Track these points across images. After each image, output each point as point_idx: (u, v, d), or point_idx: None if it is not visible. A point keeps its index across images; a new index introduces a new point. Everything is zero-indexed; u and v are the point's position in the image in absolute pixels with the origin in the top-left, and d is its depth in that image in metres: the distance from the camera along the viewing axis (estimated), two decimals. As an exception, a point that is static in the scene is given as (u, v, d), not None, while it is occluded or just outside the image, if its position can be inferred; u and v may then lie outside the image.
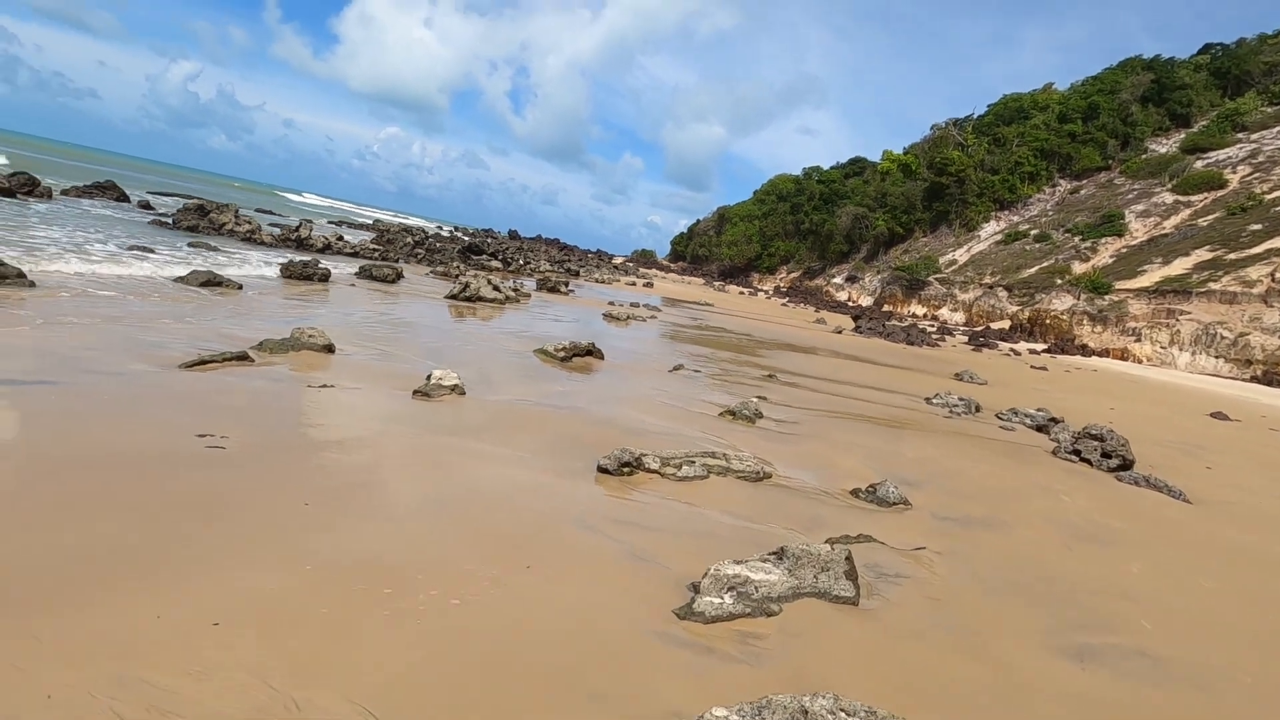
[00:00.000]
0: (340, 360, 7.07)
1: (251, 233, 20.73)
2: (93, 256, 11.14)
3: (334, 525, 3.22)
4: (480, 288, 16.16)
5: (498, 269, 29.30)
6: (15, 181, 20.06)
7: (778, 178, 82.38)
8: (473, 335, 10.65)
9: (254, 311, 9.18)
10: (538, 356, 9.44)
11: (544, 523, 3.66)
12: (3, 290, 7.64)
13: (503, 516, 3.66)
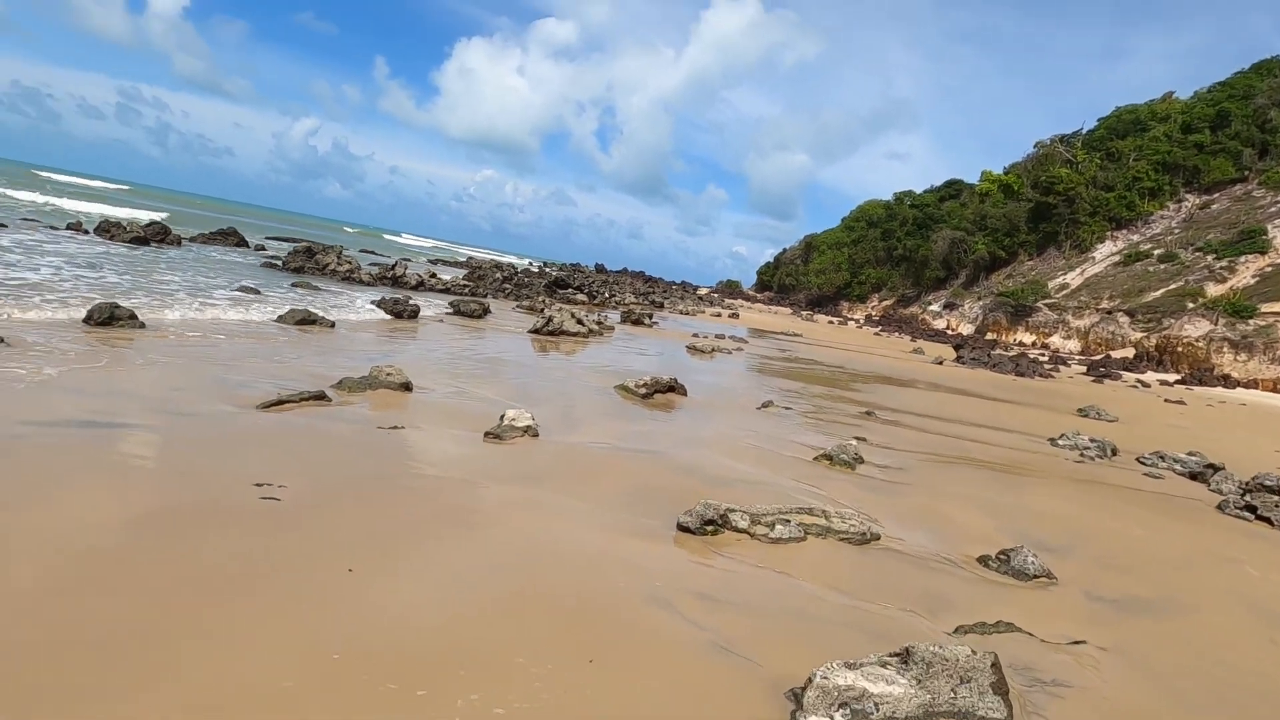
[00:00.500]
0: (416, 399, 6.91)
1: (351, 272, 21.74)
2: (203, 298, 11.77)
3: (376, 598, 2.85)
4: (563, 321, 16.08)
5: (582, 302, 29.52)
6: (150, 231, 22.03)
7: (867, 203, 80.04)
8: (552, 370, 10.42)
9: (341, 349, 9.30)
10: (618, 393, 9.05)
11: (613, 598, 3.16)
12: (116, 331, 8.04)
13: (566, 588, 3.18)
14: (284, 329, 10.19)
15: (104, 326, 8.26)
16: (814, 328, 40.76)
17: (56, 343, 6.89)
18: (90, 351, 6.76)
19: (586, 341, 15.46)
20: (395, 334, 11.66)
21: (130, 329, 8.43)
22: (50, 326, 7.64)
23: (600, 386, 9.39)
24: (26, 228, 19.14)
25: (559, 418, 7.02)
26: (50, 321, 7.90)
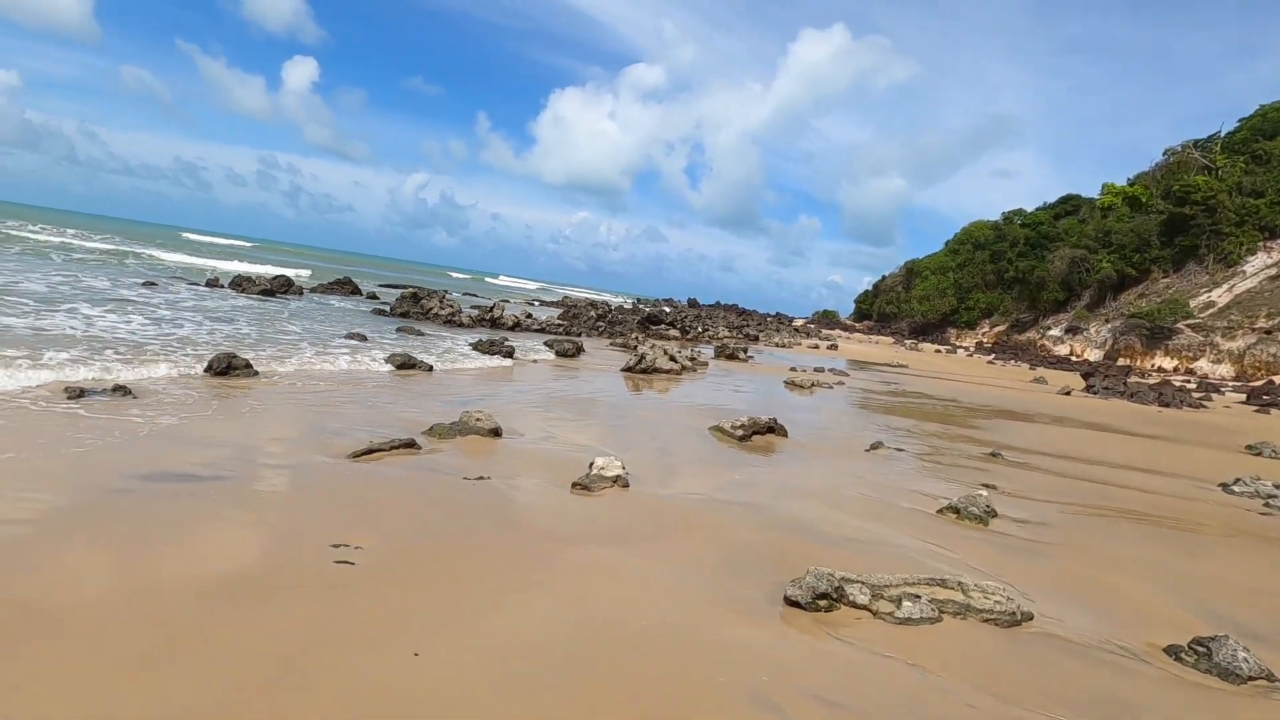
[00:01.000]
0: (505, 445, 6.73)
1: (453, 315, 22.55)
2: (315, 346, 12.37)
3: (437, 688, 2.52)
4: (656, 358, 15.81)
5: (675, 338, 29.28)
6: (275, 284, 23.86)
7: (972, 225, 75.87)
8: (645, 411, 10.08)
9: (437, 393, 9.38)
10: (713, 435, 8.56)
11: (708, 696, 2.68)
12: (232, 380, 8.45)
13: (650, 681, 2.74)
14: (385, 374, 10.46)
15: (222, 376, 8.72)
16: (920, 357, 38.53)
17: (178, 392, 7.26)
18: (204, 401, 7.07)
19: (680, 379, 15.09)
20: (490, 376, 11.74)
21: (245, 377, 8.85)
22: (178, 377, 8.10)
23: (694, 428, 8.94)
24: (174, 285, 21.18)
25: (651, 464, 6.62)
26: (179, 372, 8.40)
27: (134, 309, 13.60)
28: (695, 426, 9.04)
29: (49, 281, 16.73)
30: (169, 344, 10.23)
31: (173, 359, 9.07)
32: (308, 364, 10.35)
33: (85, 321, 11.24)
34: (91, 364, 7.98)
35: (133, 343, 9.92)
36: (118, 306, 13.56)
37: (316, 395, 8.23)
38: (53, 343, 8.97)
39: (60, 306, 12.54)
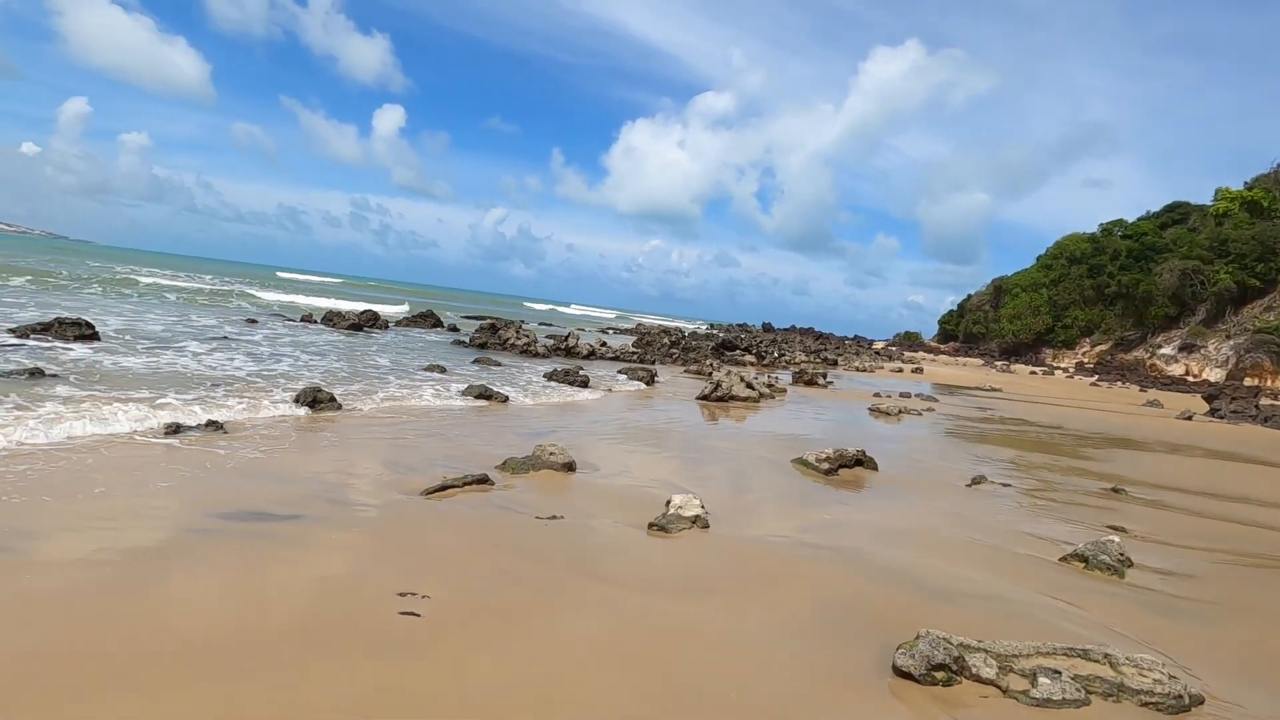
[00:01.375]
0: (579, 481, 6.50)
1: (529, 345, 22.83)
2: (397, 378, 12.66)
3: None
4: (732, 386, 15.37)
5: (751, 363, 28.66)
6: (363, 318, 24.91)
7: (1066, 239, 71.49)
8: (722, 442, 9.66)
9: (511, 425, 9.31)
10: (796, 469, 8.06)
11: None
12: (317, 414, 8.65)
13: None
14: (462, 406, 10.52)
15: (308, 408, 8.96)
16: (1014, 380, 36.21)
17: (265, 427, 7.44)
18: (288, 435, 7.20)
19: (758, 406, 14.57)
20: (564, 406, 11.64)
21: (330, 410, 9.06)
22: (268, 412, 8.35)
23: (775, 460, 8.46)
24: (272, 322, 22.45)
25: (731, 502, 6.23)
26: (270, 406, 8.67)
27: (236, 346, 14.37)
28: (776, 459, 8.56)
29: (164, 321, 18.02)
30: (262, 379, 10.65)
31: (264, 393, 9.40)
32: (388, 397, 10.53)
33: (194, 358, 11.90)
34: (192, 401, 8.34)
35: (231, 378, 10.37)
36: (222, 344, 14.37)
37: (395, 428, 8.30)
38: (162, 380, 9.48)
39: (172, 345, 13.38)
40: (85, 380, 8.75)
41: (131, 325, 16.14)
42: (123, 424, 6.79)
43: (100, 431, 6.38)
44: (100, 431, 6.38)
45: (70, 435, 6.16)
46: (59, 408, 7.05)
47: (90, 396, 7.80)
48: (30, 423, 6.29)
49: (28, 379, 8.34)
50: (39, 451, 5.57)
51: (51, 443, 5.85)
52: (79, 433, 6.26)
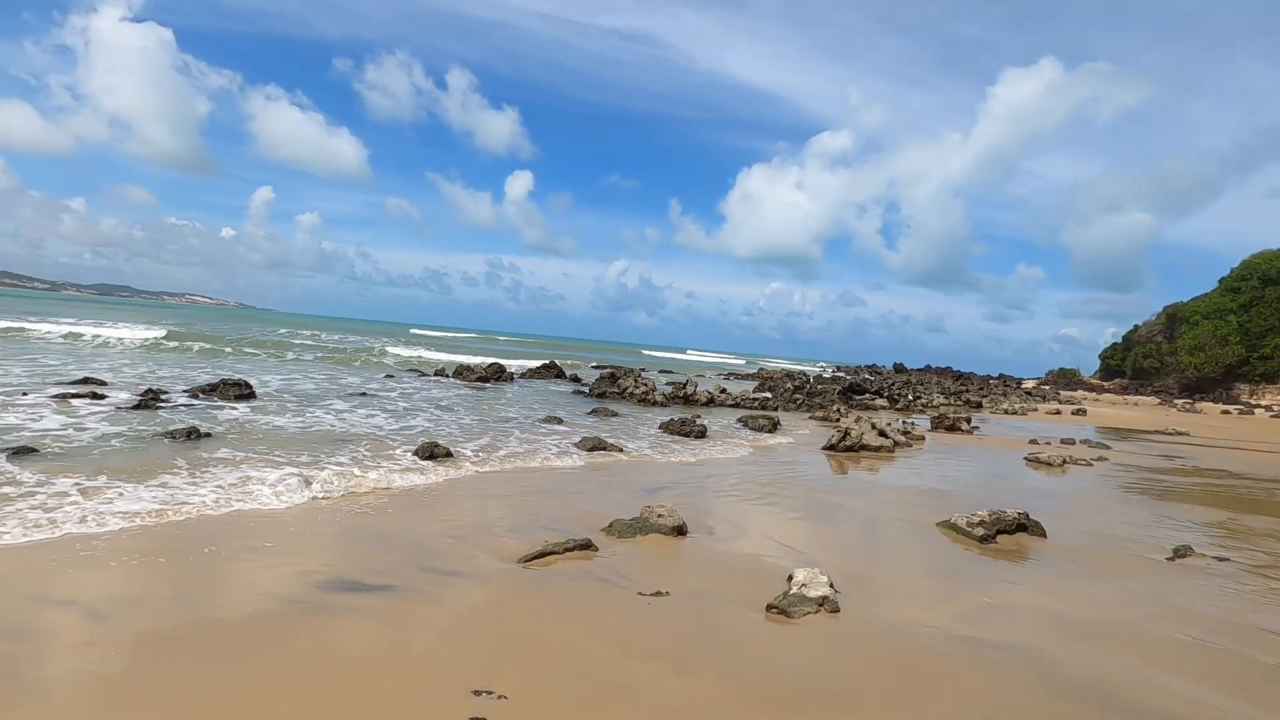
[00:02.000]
0: (690, 547, 5.91)
1: (647, 393, 22.62)
2: (511, 430, 12.74)
3: None
4: (863, 434, 14.16)
5: (883, 407, 26.75)
6: (490, 371, 25.93)
7: (1257, 257, 62.38)
8: (853, 500, 8.69)
9: (622, 481, 8.90)
10: (943, 534, 6.98)
11: None
12: (432, 470, 8.70)
13: None
14: (574, 460, 10.28)
15: (427, 461, 9.08)
16: (1202, 421, 31.30)
17: (380, 484, 7.50)
18: (403, 492, 7.19)
19: (893, 457, 13.27)
20: (679, 459, 11.10)
21: (445, 466, 9.13)
22: (387, 468, 8.49)
23: (916, 523, 7.41)
24: (408, 378, 23.88)
25: (865, 576, 5.37)
26: (390, 462, 8.86)
27: (374, 402, 15.21)
28: (917, 521, 7.51)
29: (316, 379, 19.60)
30: (388, 435, 11.03)
31: (387, 450, 9.67)
32: (507, 452, 10.52)
33: (335, 415, 12.63)
34: (320, 459, 8.68)
35: (360, 435, 10.80)
36: (361, 401, 15.27)
37: (505, 484, 8.14)
38: (294, 439, 10.02)
39: (318, 402, 14.36)
40: (234, 438, 9.39)
41: (287, 384, 17.62)
42: (255, 484, 7.07)
43: (232, 483, 6.67)
44: (232, 483, 6.67)
45: (201, 497, 6.44)
46: (209, 469, 7.51)
47: (228, 458, 8.30)
48: (173, 483, 6.68)
49: (186, 439, 9.06)
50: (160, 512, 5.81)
51: (167, 504, 6.12)
52: (209, 492, 6.55)
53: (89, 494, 6.07)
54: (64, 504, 5.72)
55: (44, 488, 6.13)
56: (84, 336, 25.49)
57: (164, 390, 13.41)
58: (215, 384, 14.00)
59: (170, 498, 6.20)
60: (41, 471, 6.67)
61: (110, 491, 6.21)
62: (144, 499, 6.08)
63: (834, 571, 5.28)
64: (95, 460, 7.43)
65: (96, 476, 6.65)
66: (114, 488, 6.33)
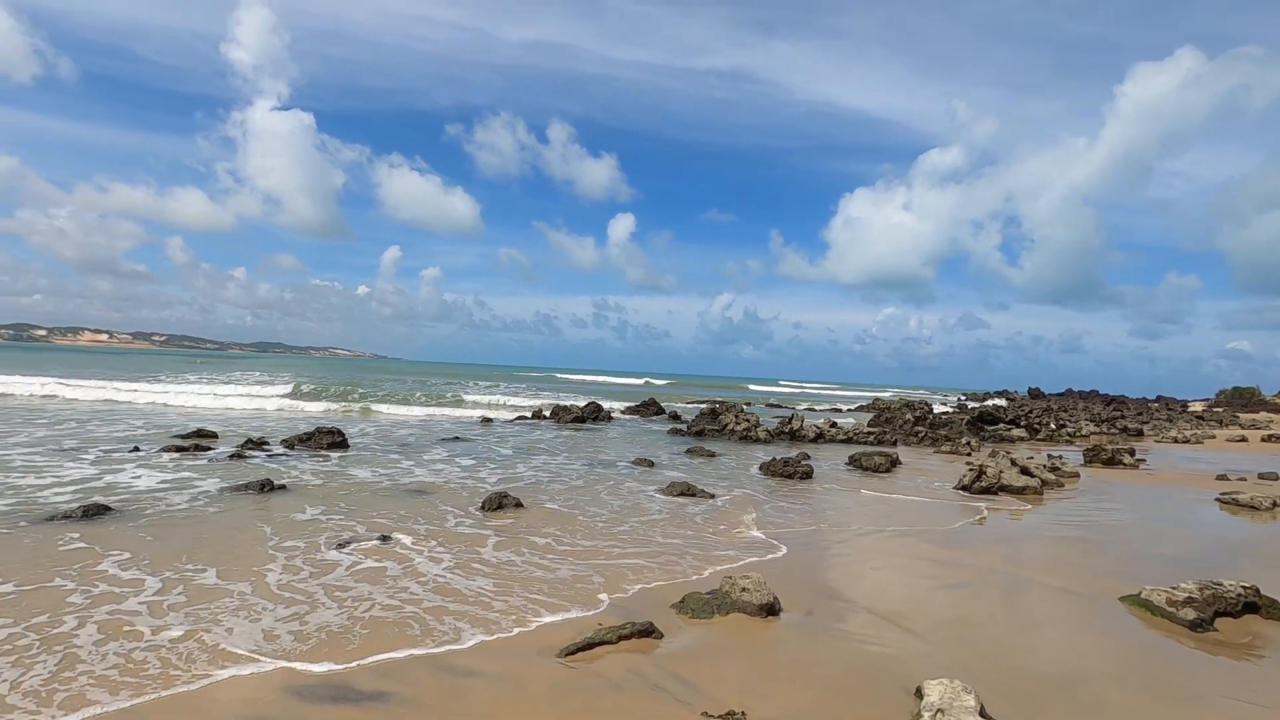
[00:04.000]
0: (781, 635, 4.62)
1: (749, 430, 21.16)
2: (599, 470, 11.83)
3: None
4: (1001, 472, 12.10)
5: (1021, 439, 23.68)
6: (587, 410, 25.44)
7: None
8: (996, 559, 6.98)
9: (709, 534, 7.68)
10: (1132, 613, 5.24)
11: None
12: (500, 515, 7.90)
13: None
14: (660, 506, 9.17)
15: (494, 511, 8.32)
16: None
17: (438, 541, 6.73)
18: (460, 549, 6.37)
19: (1041, 499, 11.15)
20: (779, 507, 9.70)
21: (515, 512, 8.34)
22: (451, 521, 7.79)
23: (1089, 596, 5.68)
24: (506, 419, 23.79)
25: (1029, 688, 3.87)
26: (458, 513, 8.18)
27: (463, 448, 14.89)
28: (1090, 591, 5.77)
29: (412, 426, 19.79)
30: (464, 483, 10.43)
31: (456, 501, 9.04)
32: (579, 498, 9.60)
33: (421, 464, 12.28)
34: (384, 513, 8.12)
35: (436, 486, 10.27)
36: (450, 446, 15.02)
37: (575, 534, 7.17)
38: (366, 493, 9.60)
39: (408, 450, 14.20)
40: (309, 491, 9.07)
41: (385, 431, 17.79)
42: (306, 541, 6.52)
43: (274, 545, 6.12)
44: (274, 545, 6.12)
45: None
46: (259, 527, 7.09)
47: (288, 518, 7.89)
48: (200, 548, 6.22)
49: (257, 492, 8.82)
50: (197, 581, 5.26)
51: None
52: (257, 553, 6.02)
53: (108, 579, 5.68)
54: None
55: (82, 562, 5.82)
56: (224, 392, 27.51)
57: (265, 440, 13.67)
58: (311, 433, 14.14)
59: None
60: (94, 541, 6.43)
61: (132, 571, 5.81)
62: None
63: (981, 679, 3.84)
64: (150, 523, 7.19)
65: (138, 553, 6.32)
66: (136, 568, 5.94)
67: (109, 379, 29.08)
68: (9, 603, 4.57)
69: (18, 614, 4.38)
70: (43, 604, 4.58)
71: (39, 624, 4.24)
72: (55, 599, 4.68)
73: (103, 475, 9.48)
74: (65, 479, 9.11)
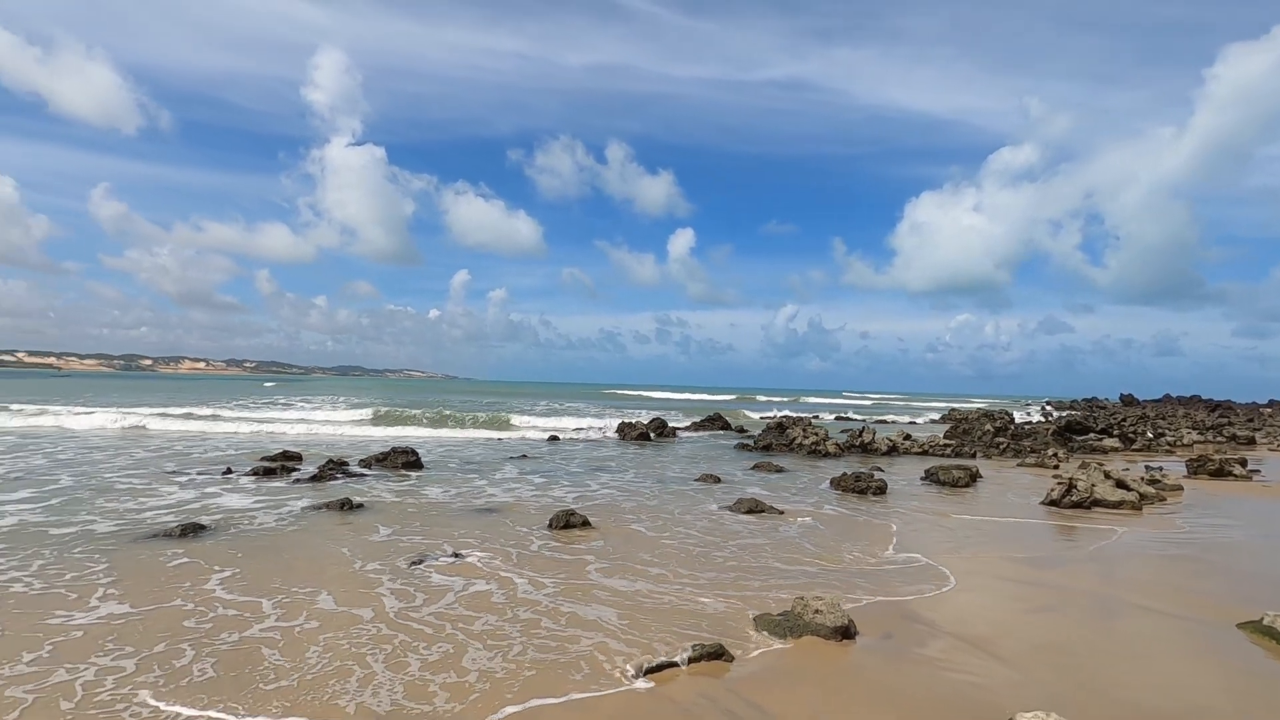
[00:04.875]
0: (857, 660, 4.44)
1: (818, 444, 20.66)
2: (664, 491, 11.77)
3: None
4: (1094, 484, 11.36)
5: (1114, 449, 22.20)
6: (652, 426, 25.42)
7: None
8: (1093, 580, 6.51)
9: (779, 550, 7.50)
10: (1253, 641, 4.78)
11: None
12: (568, 534, 7.96)
13: None
14: (728, 523, 9.03)
15: (563, 530, 8.39)
16: None
17: (500, 561, 6.83)
18: (530, 568, 6.45)
19: (1139, 514, 10.39)
20: (851, 523, 9.40)
21: (582, 531, 8.39)
22: (518, 539, 7.90)
23: (1202, 621, 5.22)
24: (571, 438, 24.06)
25: (1134, 720, 3.57)
26: (525, 530, 8.29)
27: (530, 466, 15.14)
28: (1201, 615, 5.30)
29: (482, 445, 20.26)
30: (530, 500, 10.57)
31: (523, 518, 9.17)
32: (644, 517, 9.55)
33: (490, 482, 12.57)
34: (448, 534, 8.32)
35: (502, 505, 10.45)
36: (518, 464, 15.31)
37: (643, 551, 7.13)
38: (436, 511, 9.86)
39: (479, 469, 14.55)
40: (384, 510, 9.40)
41: (455, 450, 18.28)
42: (373, 563, 6.75)
43: (343, 566, 6.36)
44: (343, 566, 6.36)
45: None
46: (337, 548, 7.37)
47: (370, 538, 8.17)
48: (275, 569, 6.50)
49: (339, 510, 9.20)
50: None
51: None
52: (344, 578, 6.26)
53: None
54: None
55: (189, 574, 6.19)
56: (308, 415, 28.97)
57: (345, 460, 14.27)
58: (387, 453, 14.68)
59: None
60: (197, 556, 6.84)
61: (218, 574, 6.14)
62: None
63: (1080, 713, 3.57)
64: (246, 540, 7.60)
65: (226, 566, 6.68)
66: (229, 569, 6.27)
67: (204, 403, 31.14)
68: (137, 620, 4.89)
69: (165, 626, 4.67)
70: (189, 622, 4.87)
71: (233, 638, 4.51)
72: (178, 618, 4.98)
73: (199, 496, 10.10)
74: (166, 500, 9.75)
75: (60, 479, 11.28)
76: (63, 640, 4.43)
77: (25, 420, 22.84)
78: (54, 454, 14.70)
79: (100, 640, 4.44)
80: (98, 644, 4.38)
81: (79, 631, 4.59)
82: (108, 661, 4.12)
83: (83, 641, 4.42)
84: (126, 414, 24.27)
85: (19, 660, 4.11)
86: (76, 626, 4.68)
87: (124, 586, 5.65)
